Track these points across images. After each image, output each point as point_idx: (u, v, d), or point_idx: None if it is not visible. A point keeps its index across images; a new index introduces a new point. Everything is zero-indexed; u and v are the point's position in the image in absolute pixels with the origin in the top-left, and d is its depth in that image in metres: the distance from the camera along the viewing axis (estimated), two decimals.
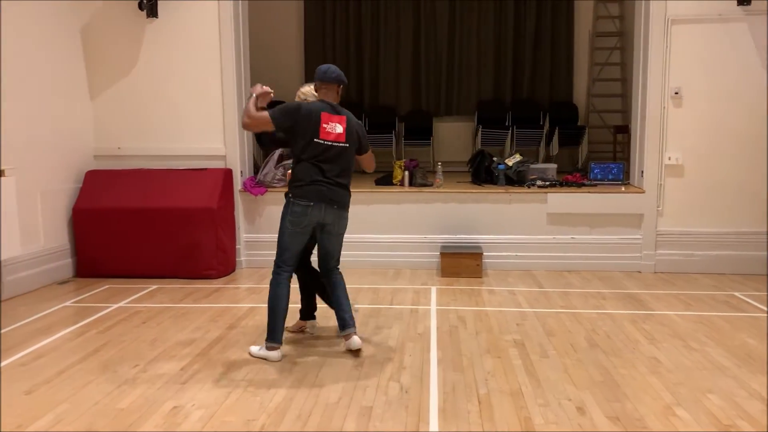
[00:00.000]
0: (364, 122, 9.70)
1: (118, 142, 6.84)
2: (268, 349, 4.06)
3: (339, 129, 4.02)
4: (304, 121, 3.97)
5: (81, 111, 6.71)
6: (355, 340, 4.12)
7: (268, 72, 9.00)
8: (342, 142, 4.04)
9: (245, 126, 4.08)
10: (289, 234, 4.05)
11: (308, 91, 4.30)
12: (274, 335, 4.06)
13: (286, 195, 4.10)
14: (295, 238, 4.06)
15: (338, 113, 4.07)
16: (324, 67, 4.14)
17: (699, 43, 6.33)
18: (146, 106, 6.78)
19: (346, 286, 4.32)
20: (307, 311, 4.59)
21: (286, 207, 4.07)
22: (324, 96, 4.11)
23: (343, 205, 4.16)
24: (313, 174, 3.99)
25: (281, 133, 4.09)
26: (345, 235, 4.36)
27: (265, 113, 3.97)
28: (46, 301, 5.50)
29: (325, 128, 3.99)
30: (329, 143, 4.00)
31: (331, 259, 4.24)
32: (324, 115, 4.00)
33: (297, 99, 4.32)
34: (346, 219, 4.22)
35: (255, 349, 4.16)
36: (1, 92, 5.56)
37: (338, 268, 4.29)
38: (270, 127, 4.01)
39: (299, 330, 4.58)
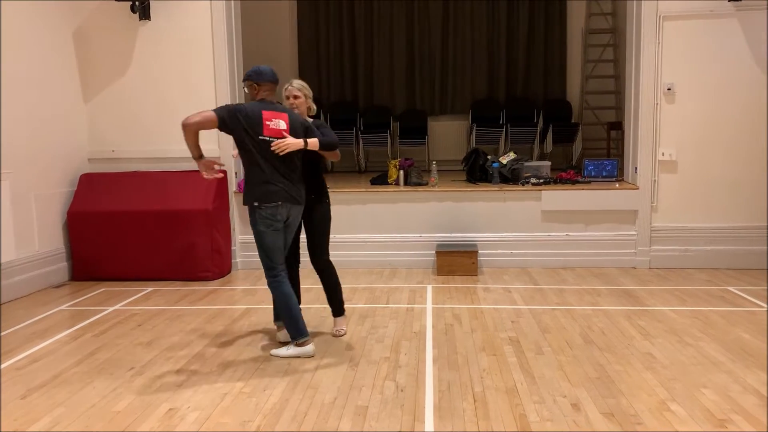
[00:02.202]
0: (358, 122, 9.72)
1: (112, 144, 6.84)
2: (301, 345, 4.10)
3: (282, 125, 4.04)
4: (252, 119, 3.97)
5: (74, 114, 6.70)
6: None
7: None
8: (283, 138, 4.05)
9: (186, 125, 3.97)
10: (269, 236, 4.04)
11: (307, 86, 4.36)
12: (302, 331, 4.10)
13: (248, 202, 4.09)
14: (279, 237, 4.09)
15: (278, 110, 4.10)
16: (265, 68, 4.15)
17: (691, 40, 6.35)
18: (140, 109, 6.78)
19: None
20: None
21: (252, 214, 4.07)
22: (271, 97, 4.14)
23: (304, 200, 4.21)
24: (274, 175, 4.00)
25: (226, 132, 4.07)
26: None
27: (210, 111, 3.96)
28: (41, 305, 5.49)
29: (269, 125, 4.01)
30: (272, 139, 4.00)
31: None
32: (265, 113, 4.01)
33: (305, 97, 4.33)
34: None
35: (283, 351, 4.14)
36: None
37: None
38: (214, 125, 3.96)
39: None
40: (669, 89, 6.40)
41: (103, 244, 6.30)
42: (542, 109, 9.69)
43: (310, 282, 6.02)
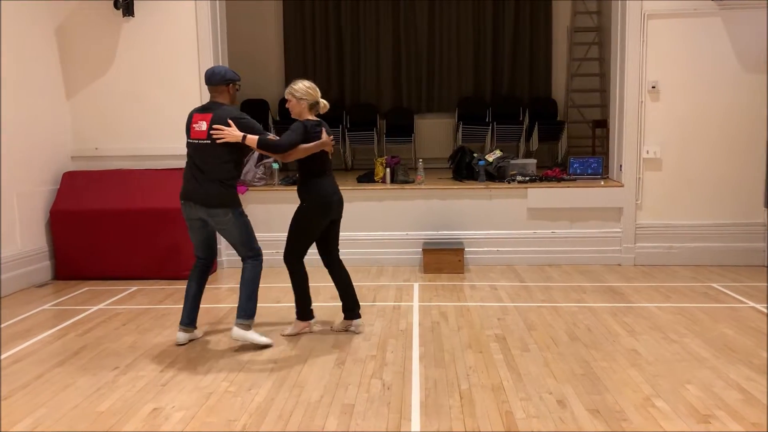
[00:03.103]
0: (344, 120, 9.68)
1: (95, 142, 6.76)
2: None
3: (203, 126, 4.11)
4: (186, 126, 4.21)
5: (57, 112, 6.62)
6: (234, 331, 4.26)
7: (247, 72, 8.94)
8: (203, 139, 4.10)
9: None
10: (189, 230, 4.35)
11: (301, 88, 4.27)
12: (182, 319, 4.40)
13: None
14: (191, 233, 4.36)
15: (207, 111, 4.15)
16: (208, 71, 4.24)
17: (675, 38, 6.39)
18: (123, 107, 6.71)
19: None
20: (348, 308, 4.55)
21: None
22: (213, 98, 4.21)
23: (211, 203, 4.13)
24: (187, 174, 4.20)
25: None
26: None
27: None
28: (24, 305, 5.43)
29: (194, 128, 4.15)
30: (194, 141, 4.15)
31: (238, 253, 4.33)
32: (195, 116, 4.18)
33: (296, 99, 4.27)
34: (221, 216, 4.16)
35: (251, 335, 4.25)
36: None
37: (247, 263, 4.31)
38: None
39: (345, 329, 4.57)
40: (653, 87, 6.44)
41: (87, 243, 6.23)
42: (528, 107, 9.72)
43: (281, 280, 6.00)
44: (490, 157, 7.09)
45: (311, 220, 4.36)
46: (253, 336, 4.23)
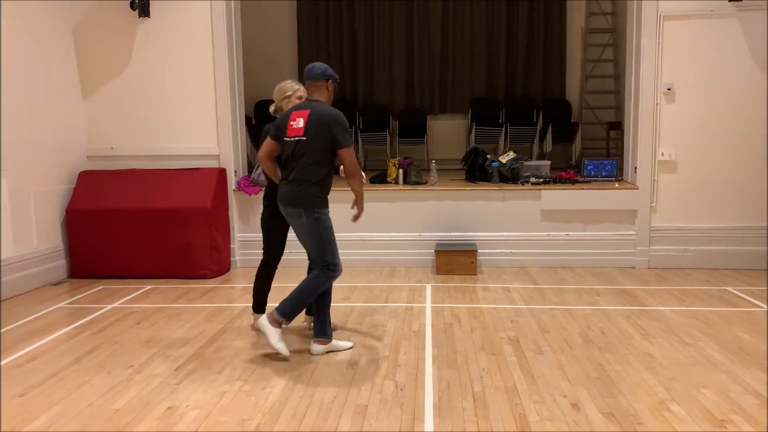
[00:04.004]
0: (357, 121, 9.69)
1: (111, 142, 6.82)
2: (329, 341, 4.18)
3: (300, 123, 3.90)
4: (280, 124, 4.01)
5: (73, 111, 6.69)
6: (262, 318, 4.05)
7: (261, 72, 9.00)
8: (299, 136, 3.89)
9: (258, 159, 4.18)
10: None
11: (287, 86, 4.31)
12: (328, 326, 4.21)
13: None
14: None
15: (305, 108, 3.94)
16: (308, 66, 4.06)
17: (691, 39, 6.35)
18: (139, 106, 6.76)
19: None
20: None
21: None
22: (311, 94, 4.01)
23: (287, 201, 3.99)
24: (283, 175, 4.05)
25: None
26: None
27: (267, 139, 4.11)
28: (39, 303, 5.48)
29: (291, 125, 3.93)
30: (290, 139, 3.94)
31: (310, 257, 4.23)
32: (293, 114, 3.96)
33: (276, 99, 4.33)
34: (295, 217, 3.99)
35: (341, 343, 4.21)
36: None
37: (320, 268, 4.03)
38: (274, 146, 4.08)
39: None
40: (669, 89, 6.40)
41: (102, 242, 6.29)
42: (542, 108, 9.68)
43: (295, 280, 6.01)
44: (504, 159, 7.07)
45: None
46: (272, 334, 3.96)
